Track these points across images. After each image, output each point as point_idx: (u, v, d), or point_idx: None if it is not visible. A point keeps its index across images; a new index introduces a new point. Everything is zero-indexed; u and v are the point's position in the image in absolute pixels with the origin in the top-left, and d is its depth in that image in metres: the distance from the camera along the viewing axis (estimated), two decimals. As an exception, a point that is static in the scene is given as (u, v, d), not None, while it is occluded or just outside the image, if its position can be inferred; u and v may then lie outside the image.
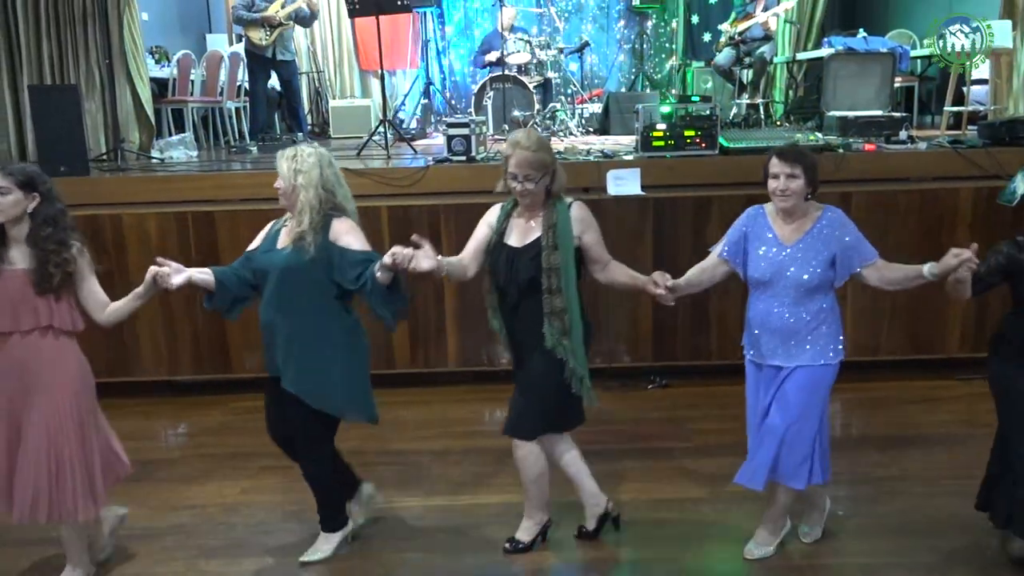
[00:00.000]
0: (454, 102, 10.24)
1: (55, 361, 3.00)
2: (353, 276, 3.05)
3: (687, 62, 10.26)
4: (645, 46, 9.77)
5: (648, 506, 3.75)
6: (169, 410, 5.19)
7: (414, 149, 6.49)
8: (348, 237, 3.11)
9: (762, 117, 8.11)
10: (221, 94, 8.76)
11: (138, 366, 5.25)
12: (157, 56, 9.17)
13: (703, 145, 5.34)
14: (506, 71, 8.08)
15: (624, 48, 10.62)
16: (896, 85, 7.22)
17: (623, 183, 5.06)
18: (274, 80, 8.09)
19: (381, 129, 6.51)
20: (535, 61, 8.56)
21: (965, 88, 6.64)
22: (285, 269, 3.10)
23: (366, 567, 3.38)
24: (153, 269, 2.99)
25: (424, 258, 2.88)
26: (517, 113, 7.83)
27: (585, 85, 9.65)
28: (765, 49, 8.16)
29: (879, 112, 6.35)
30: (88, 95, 6.96)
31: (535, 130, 3.35)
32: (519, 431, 3.26)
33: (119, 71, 6.99)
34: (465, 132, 5.42)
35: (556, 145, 6.53)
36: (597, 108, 8.79)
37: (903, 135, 5.77)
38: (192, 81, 8.68)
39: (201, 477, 4.22)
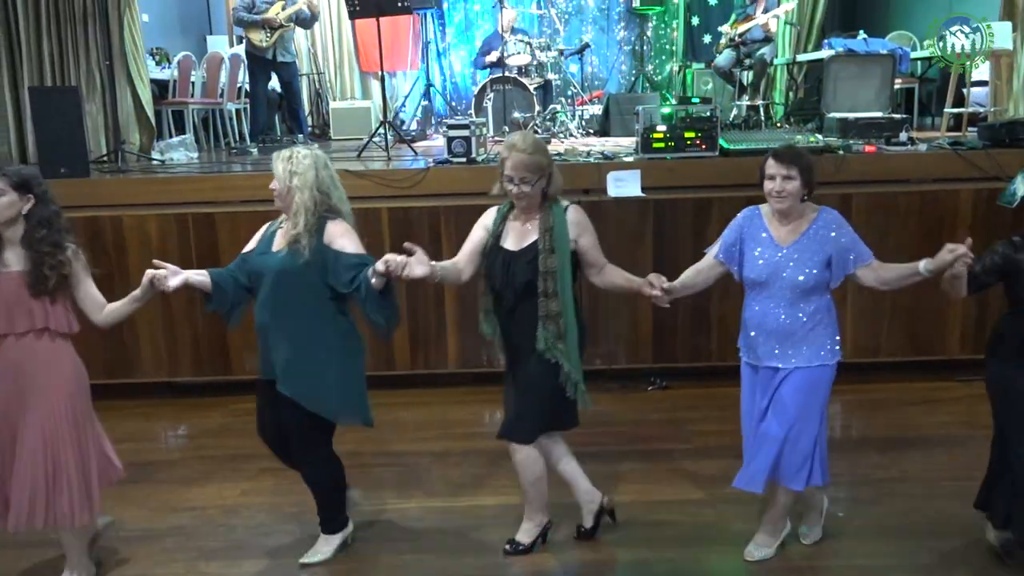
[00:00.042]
0: (454, 104, 10.24)
1: (50, 363, 3.00)
2: (347, 280, 3.04)
3: (687, 64, 10.27)
4: (645, 48, 9.78)
5: (648, 508, 3.75)
6: (169, 412, 5.19)
7: (414, 151, 6.49)
8: (343, 240, 3.10)
9: (762, 119, 8.12)
10: (221, 96, 8.77)
11: (138, 368, 5.25)
12: (158, 58, 9.18)
13: (703, 147, 5.35)
14: (506, 73, 8.08)
15: (624, 50, 10.63)
16: (896, 87, 7.22)
17: (623, 185, 5.07)
18: (274, 82, 8.09)
19: (381, 131, 6.51)
20: (535, 63, 8.55)
21: (965, 90, 6.63)
22: (280, 272, 3.09)
23: (366, 569, 3.38)
24: (150, 272, 2.99)
25: (417, 265, 2.88)
26: (517, 115, 7.82)
27: (585, 87, 9.65)
28: (765, 51, 8.16)
29: (879, 114, 6.35)
30: (88, 96, 6.98)
31: (531, 133, 3.35)
32: (517, 435, 3.25)
33: (119, 72, 7.00)
34: (465, 134, 5.42)
35: (556, 147, 6.53)
36: (597, 110, 8.79)
37: (903, 137, 5.77)
38: (192, 83, 8.69)
39: (201, 479, 4.22)
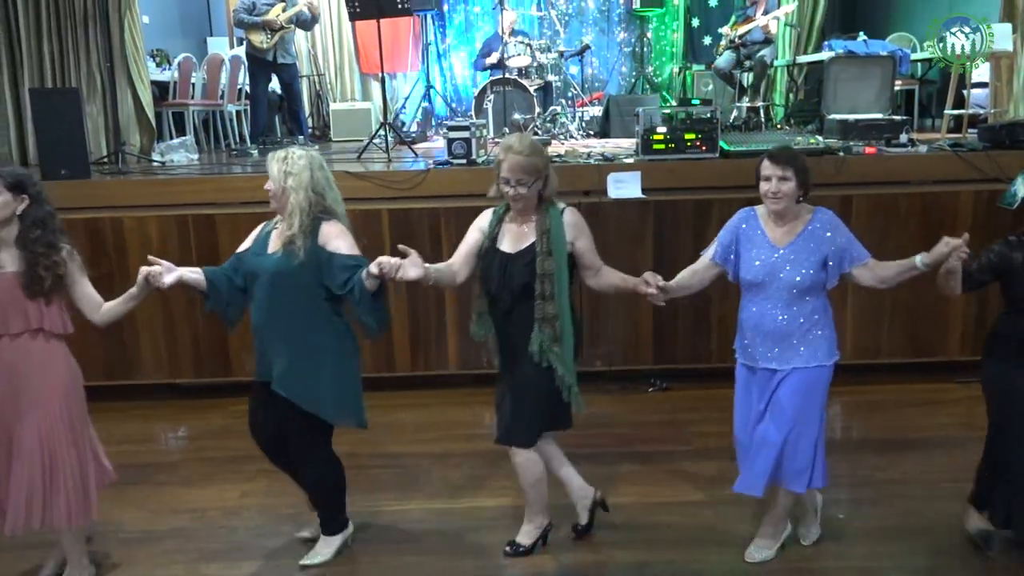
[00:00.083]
0: (455, 105, 10.24)
1: (45, 364, 3.00)
2: (341, 281, 3.04)
3: (687, 65, 10.27)
4: (645, 49, 9.79)
5: (648, 509, 3.75)
6: (169, 413, 5.19)
7: (415, 152, 6.49)
8: (337, 241, 3.10)
9: (762, 120, 8.13)
10: (222, 97, 8.78)
11: (138, 369, 5.25)
12: (158, 59, 9.19)
13: (703, 148, 5.35)
14: (507, 74, 8.08)
15: (624, 51, 10.64)
16: (896, 88, 7.23)
17: (623, 186, 5.07)
18: (275, 83, 8.10)
19: (382, 132, 6.52)
20: (535, 64, 8.56)
21: (965, 91, 6.63)
22: (276, 273, 3.09)
23: (366, 570, 3.38)
24: (144, 269, 2.98)
25: (411, 267, 2.87)
26: (517, 116, 7.82)
27: (585, 88, 9.66)
28: (765, 52, 8.17)
29: (879, 115, 6.35)
30: (89, 98, 6.99)
31: (528, 134, 3.35)
32: (517, 439, 3.24)
33: (120, 74, 7.01)
34: (465, 135, 5.43)
35: (557, 148, 6.54)
36: (597, 111, 8.80)
37: (903, 138, 5.78)
38: (193, 84, 8.70)
39: (201, 480, 4.22)
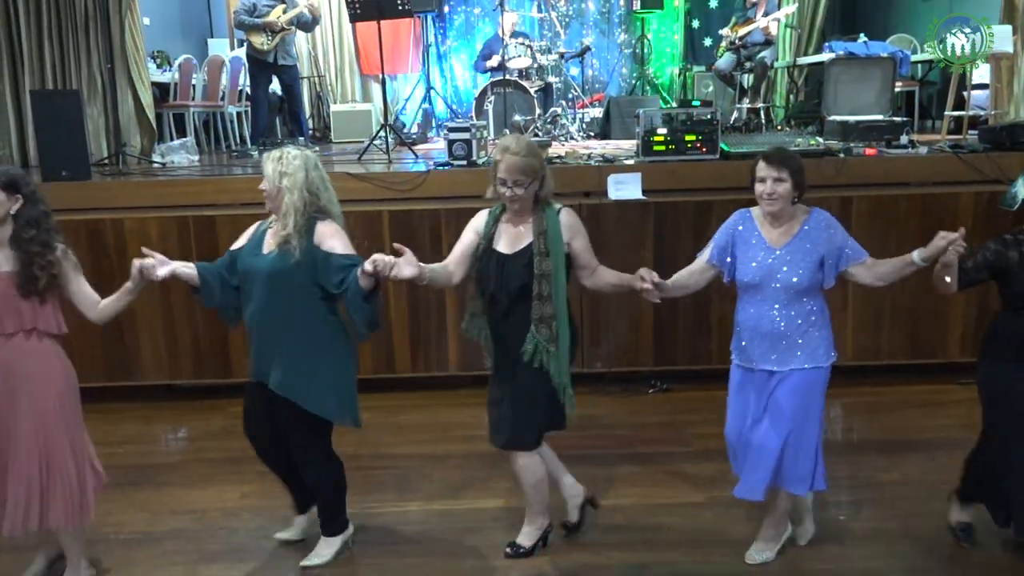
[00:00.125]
0: (455, 107, 10.25)
1: (39, 364, 2.99)
2: (336, 280, 3.04)
3: (688, 67, 10.27)
4: (646, 51, 9.80)
5: (648, 511, 3.75)
6: (169, 414, 5.19)
7: (415, 153, 6.49)
8: (332, 240, 3.10)
9: (763, 122, 8.13)
10: (222, 99, 8.79)
11: (138, 370, 5.25)
12: (159, 61, 9.20)
13: (704, 149, 5.35)
14: (507, 76, 8.08)
15: (625, 53, 10.64)
16: (897, 90, 7.23)
17: (624, 187, 5.07)
18: (275, 85, 8.11)
19: (382, 134, 6.52)
20: (536, 66, 8.56)
21: (966, 93, 6.63)
22: (271, 273, 3.09)
23: (366, 572, 3.37)
24: (137, 261, 2.97)
25: (406, 266, 2.87)
26: (518, 117, 7.82)
27: (586, 90, 9.66)
28: (766, 54, 8.17)
29: (880, 117, 6.35)
30: (90, 99, 6.99)
31: (524, 135, 3.35)
32: (521, 443, 3.23)
33: (121, 75, 7.02)
34: (466, 136, 5.43)
35: (557, 149, 6.54)
36: (598, 112, 8.79)
37: (904, 139, 5.78)
38: (193, 86, 8.71)
39: (201, 482, 4.22)
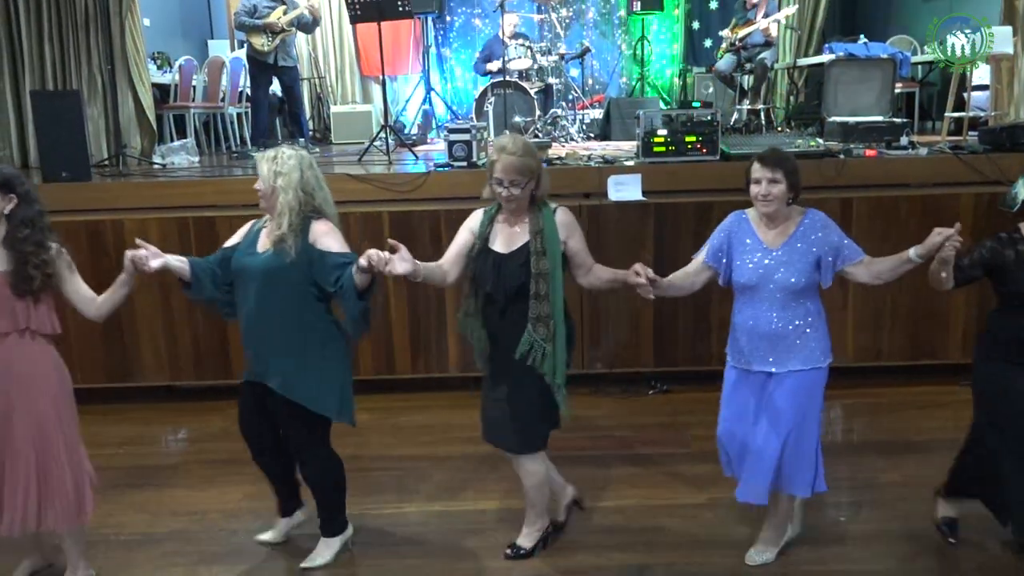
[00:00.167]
0: (455, 108, 10.25)
1: (33, 364, 2.98)
2: (332, 278, 3.03)
3: (688, 68, 10.27)
4: (646, 52, 9.81)
5: (648, 512, 3.75)
6: (170, 416, 5.19)
7: (415, 155, 6.50)
8: (327, 239, 3.10)
9: (763, 123, 8.13)
10: (223, 100, 8.79)
11: (139, 371, 5.25)
12: (159, 62, 9.20)
13: (704, 151, 5.35)
14: (507, 77, 8.08)
15: (625, 54, 10.64)
16: (897, 91, 7.23)
17: (624, 189, 5.07)
18: (276, 86, 8.10)
19: (382, 135, 6.52)
20: (536, 67, 8.57)
21: (966, 94, 6.63)
22: (266, 272, 3.08)
23: (365, 573, 3.37)
24: (129, 252, 2.96)
25: (399, 262, 2.86)
26: (518, 119, 7.82)
27: (586, 91, 9.66)
28: (766, 55, 8.17)
29: (880, 118, 6.35)
30: (90, 101, 6.99)
31: (520, 135, 3.34)
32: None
33: (121, 77, 7.02)
34: (466, 138, 5.43)
35: (557, 151, 6.54)
36: (598, 114, 8.80)
37: (904, 141, 5.78)
38: (194, 87, 8.72)
39: (202, 483, 4.22)
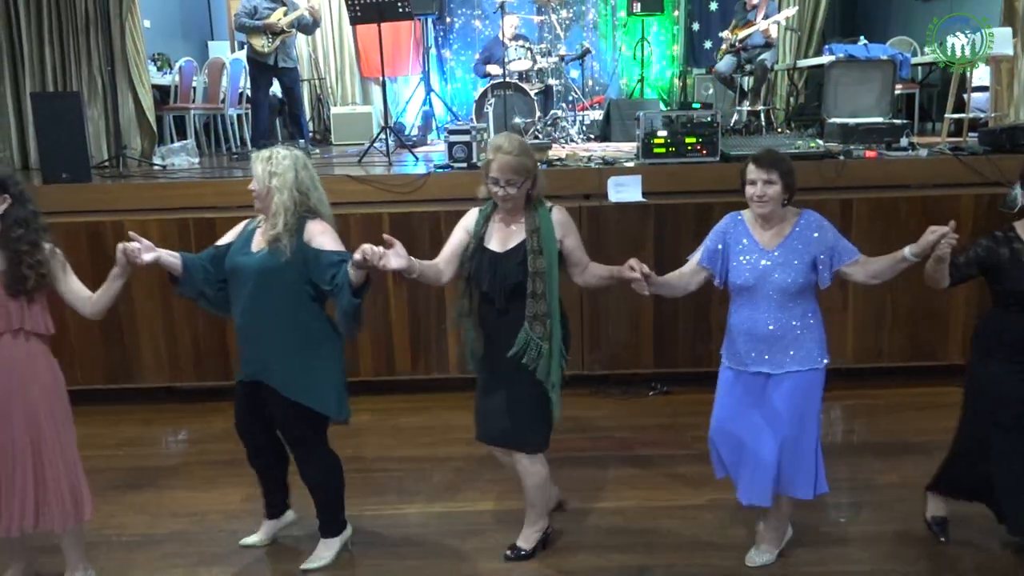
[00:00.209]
0: (455, 109, 10.26)
1: (27, 364, 2.97)
2: (328, 276, 3.03)
3: (688, 69, 10.27)
4: (646, 54, 9.82)
5: (649, 513, 3.75)
6: (170, 417, 5.18)
7: (415, 156, 6.50)
8: (322, 238, 3.09)
9: (763, 124, 8.14)
10: (223, 101, 8.79)
11: (139, 372, 5.25)
12: (159, 63, 9.21)
13: (704, 152, 5.36)
14: (507, 78, 8.09)
15: (625, 56, 10.65)
16: (897, 92, 7.24)
17: (624, 190, 5.07)
18: (276, 87, 8.10)
19: (382, 136, 6.52)
20: (536, 68, 8.57)
21: (966, 95, 6.64)
22: (261, 271, 3.07)
23: (366, 574, 3.37)
24: (122, 245, 2.94)
25: (394, 257, 2.86)
26: (518, 120, 7.83)
27: (586, 92, 9.67)
28: (766, 56, 8.18)
29: (880, 119, 6.36)
30: (90, 102, 7.00)
31: (516, 134, 3.34)
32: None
33: (121, 78, 7.02)
34: (466, 139, 5.44)
35: (557, 152, 6.55)
36: (598, 115, 8.80)
37: (904, 142, 5.79)
38: (194, 88, 8.72)
39: (202, 484, 4.21)
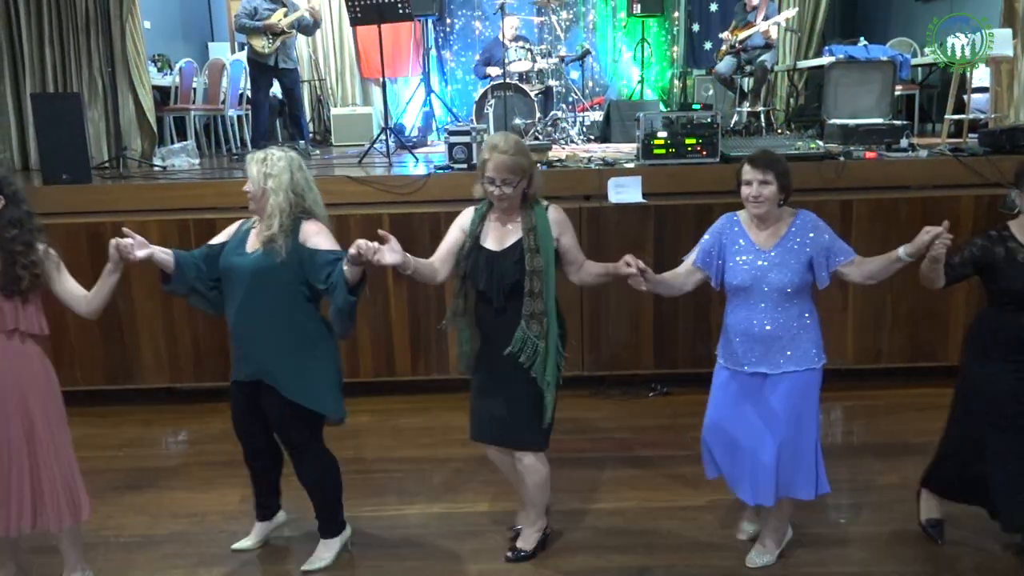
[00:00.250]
0: (455, 110, 10.27)
1: (22, 365, 2.96)
2: (323, 275, 3.03)
3: (688, 70, 10.28)
4: (646, 54, 9.83)
5: (649, 514, 3.75)
6: (170, 418, 5.18)
7: (415, 157, 6.50)
8: (317, 238, 3.10)
9: (763, 125, 8.14)
10: (223, 102, 8.79)
11: (139, 373, 5.24)
12: (159, 64, 9.21)
13: (704, 153, 5.36)
14: (507, 79, 8.09)
15: (625, 56, 10.65)
16: (897, 93, 7.24)
17: (624, 191, 5.07)
18: (276, 88, 8.10)
19: (383, 137, 6.52)
20: (536, 69, 8.57)
21: (966, 96, 6.64)
22: (256, 272, 3.07)
23: (366, 575, 3.37)
24: (114, 241, 2.93)
25: (388, 252, 2.86)
26: (518, 121, 7.83)
27: (586, 93, 9.67)
28: (766, 57, 8.19)
29: (880, 120, 6.36)
30: (91, 103, 7.01)
31: (512, 134, 3.34)
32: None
33: (121, 79, 7.03)
34: (466, 140, 5.44)
35: (557, 153, 6.55)
36: (598, 116, 8.81)
37: (904, 143, 5.79)
38: (194, 89, 8.72)
39: (202, 485, 4.21)
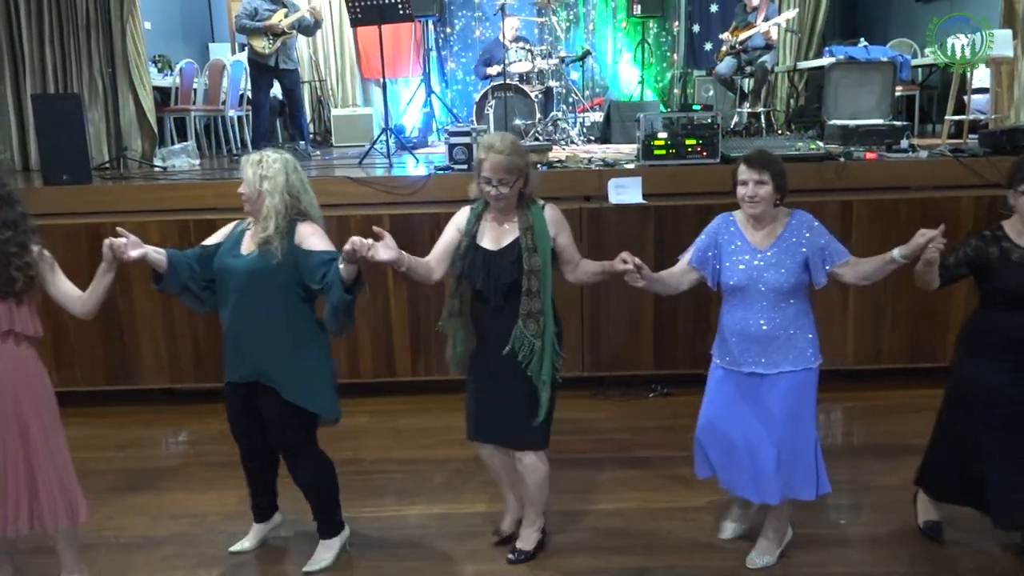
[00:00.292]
0: (455, 110, 10.27)
1: (16, 367, 2.96)
2: (319, 276, 3.03)
3: (688, 71, 10.28)
4: (646, 55, 9.83)
5: (648, 515, 3.75)
6: (170, 418, 5.18)
7: (416, 158, 6.51)
8: (313, 239, 3.10)
9: (763, 126, 8.15)
10: (223, 103, 8.80)
11: (139, 374, 5.25)
12: (160, 65, 9.22)
13: (704, 154, 5.35)
14: (508, 80, 8.09)
15: (625, 57, 10.66)
16: (897, 94, 7.24)
17: (624, 192, 5.08)
18: (277, 89, 8.11)
19: (383, 138, 6.53)
20: (536, 70, 8.58)
21: (966, 97, 6.64)
22: (251, 273, 3.07)
23: (367, 576, 3.38)
24: (108, 240, 2.92)
25: (383, 249, 2.85)
26: (519, 122, 7.83)
27: (586, 94, 9.67)
28: (766, 58, 8.19)
29: (880, 121, 6.36)
30: (91, 104, 7.01)
31: (508, 133, 3.34)
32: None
33: (122, 80, 7.03)
34: (467, 140, 5.44)
35: (558, 154, 6.55)
36: (598, 117, 8.81)
37: (904, 144, 5.79)
38: (194, 90, 8.73)
39: (202, 486, 4.21)
